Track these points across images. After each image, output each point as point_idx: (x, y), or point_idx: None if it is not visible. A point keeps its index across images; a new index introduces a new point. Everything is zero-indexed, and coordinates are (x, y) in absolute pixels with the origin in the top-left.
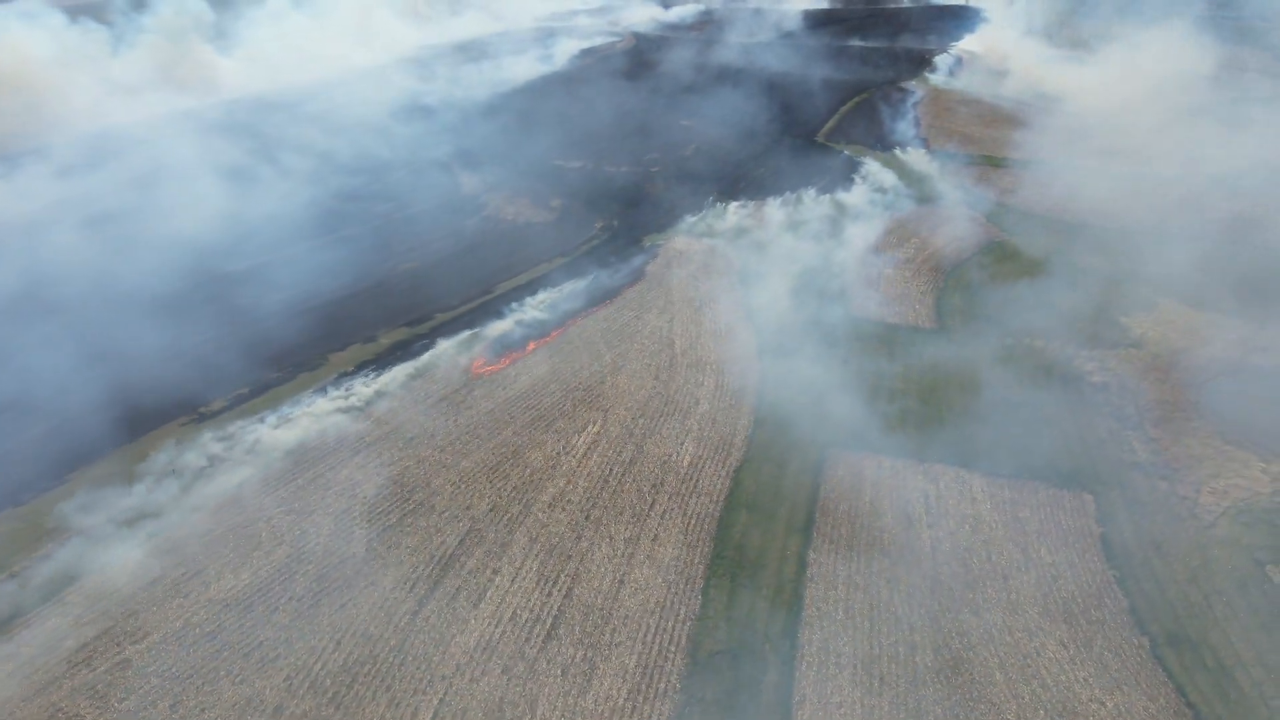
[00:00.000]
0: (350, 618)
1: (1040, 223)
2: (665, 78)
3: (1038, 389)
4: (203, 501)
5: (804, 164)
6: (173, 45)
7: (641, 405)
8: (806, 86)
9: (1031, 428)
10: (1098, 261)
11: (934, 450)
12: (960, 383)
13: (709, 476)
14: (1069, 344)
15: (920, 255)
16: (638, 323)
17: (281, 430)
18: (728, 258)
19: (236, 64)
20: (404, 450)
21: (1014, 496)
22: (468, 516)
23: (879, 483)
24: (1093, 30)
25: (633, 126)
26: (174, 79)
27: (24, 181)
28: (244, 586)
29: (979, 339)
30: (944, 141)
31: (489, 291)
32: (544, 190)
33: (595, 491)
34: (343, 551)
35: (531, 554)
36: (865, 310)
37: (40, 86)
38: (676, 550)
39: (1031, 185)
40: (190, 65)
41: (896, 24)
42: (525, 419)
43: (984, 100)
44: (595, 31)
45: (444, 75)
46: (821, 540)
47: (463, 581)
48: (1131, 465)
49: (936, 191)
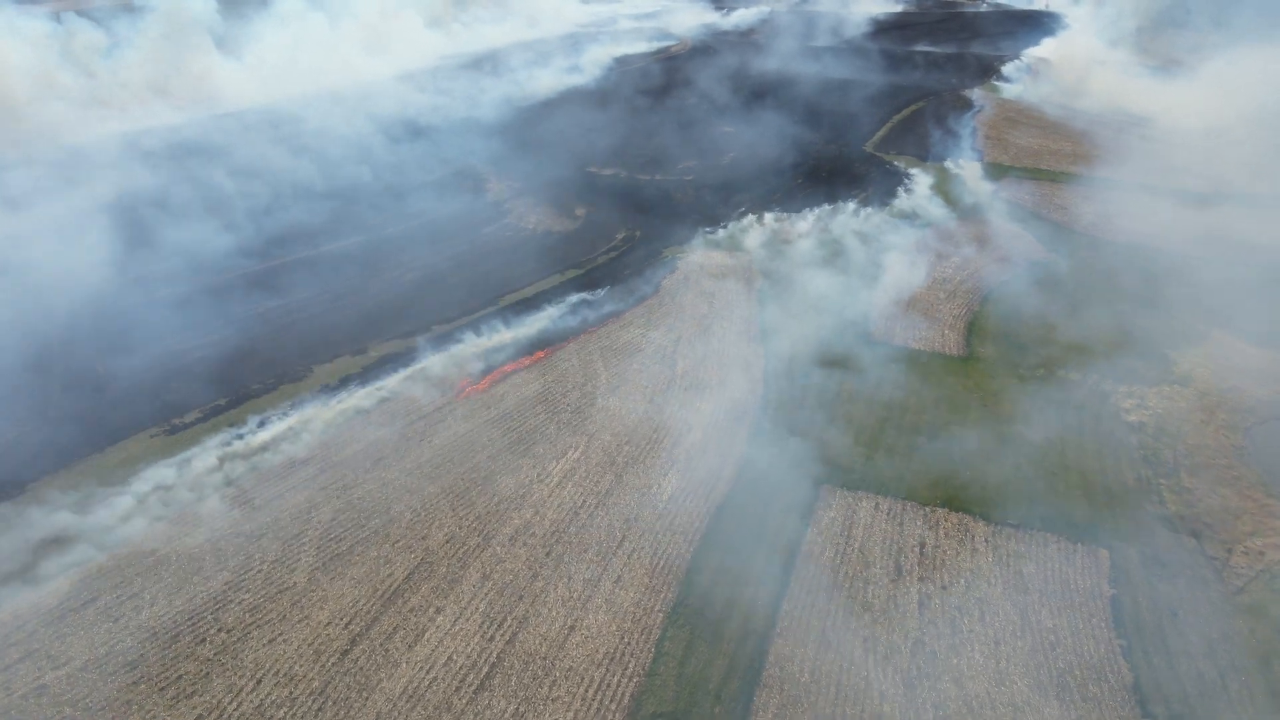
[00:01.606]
0: (276, 654)
1: (1095, 246)
2: (713, 84)
3: (1064, 427)
4: (155, 518)
5: (846, 175)
6: (162, 55)
7: (629, 430)
8: (860, 94)
9: (1051, 471)
10: (1151, 289)
11: (938, 492)
12: (979, 418)
13: (688, 513)
14: (1107, 378)
15: (957, 276)
16: (641, 340)
17: (248, 445)
18: (749, 273)
19: (236, 74)
20: (370, 472)
21: (1020, 549)
22: (422, 547)
23: (871, 526)
24: (1187, 44)
25: (672, 133)
26: (163, 90)
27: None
28: (175, 614)
29: (1008, 369)
30: (1000, 154)
31: (492, 303)
32: (570, 198)
33: (563, 525)
34: (283, 581)
35: (481, 592)
36: (888, 335)
37: (11, 98)
38: (638, 595)
39: (1091, 205)
40: (181, 76)
41: (969, 29)
42: (504, 442)
43: (1051, 112)
44: (646, 36)
45: (493, 78)
46: (798, 590)
47: (402, 620)
48: (1158, 518)
49: (984, 207)
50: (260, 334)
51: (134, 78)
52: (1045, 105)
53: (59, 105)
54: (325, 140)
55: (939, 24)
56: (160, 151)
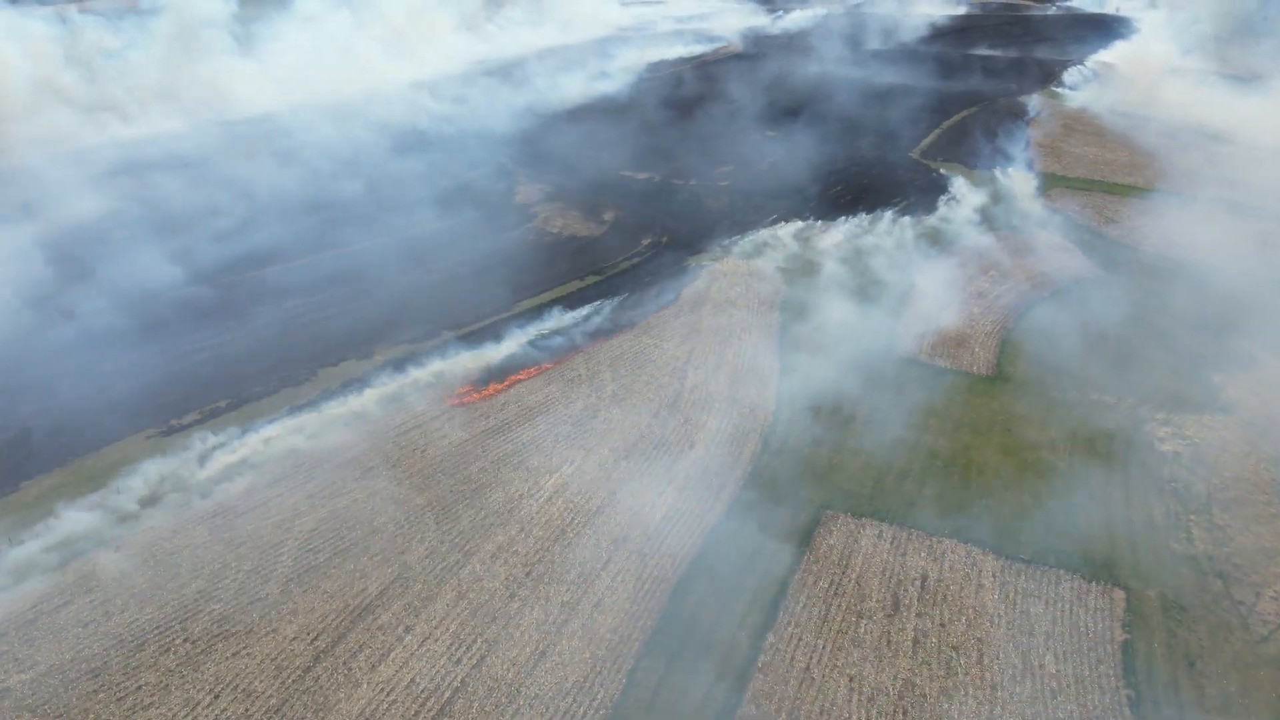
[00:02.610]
0: (238, 668)
1: (1146, 262)
2: (757, 88)
3: (1092, 456)
4: (138, 523)
5: (889, 182)
6: (172, 58)
7: (630, 444)
8: (910, 99)
9: (1072, 503)
10: (1202, 310)
11: (948, 521)
12: (1001, 442)
13: (679, 534)
14: (1144, 403)
15: (994, 291)
16: (654, 351)
17: (240, 450)
18: (774, 282)
19: (251, 78)
20: (359, 481)
21: (1030, 586)
22: (399, 562)
23: (873, 556)
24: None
25: (713, 137)
26: (172, 96)
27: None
28: (145, 622)
29: (1039, 391)
30: (1054, 164)
31: (507, 309)
32: (601, 202)
33: (548, 543)
34: (256, 591)
35: (455, 612)
36: (914, 351)
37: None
38: (616, 621)
39: (1147, 220)
40: (191, 81)
41: (1033, 33)
42: (498, 453)
43: (1113, 121)
44: (691, 40)
45: (529, 82)
46: (787, 621)
47: (369, 638)
48: (1183, 557)
49: (1031, 219)
50: (267, 336)
51: (140, 82)
52: (1107, 114)
53: (60, 111)
54: (346, 141)
55: (1001, 27)
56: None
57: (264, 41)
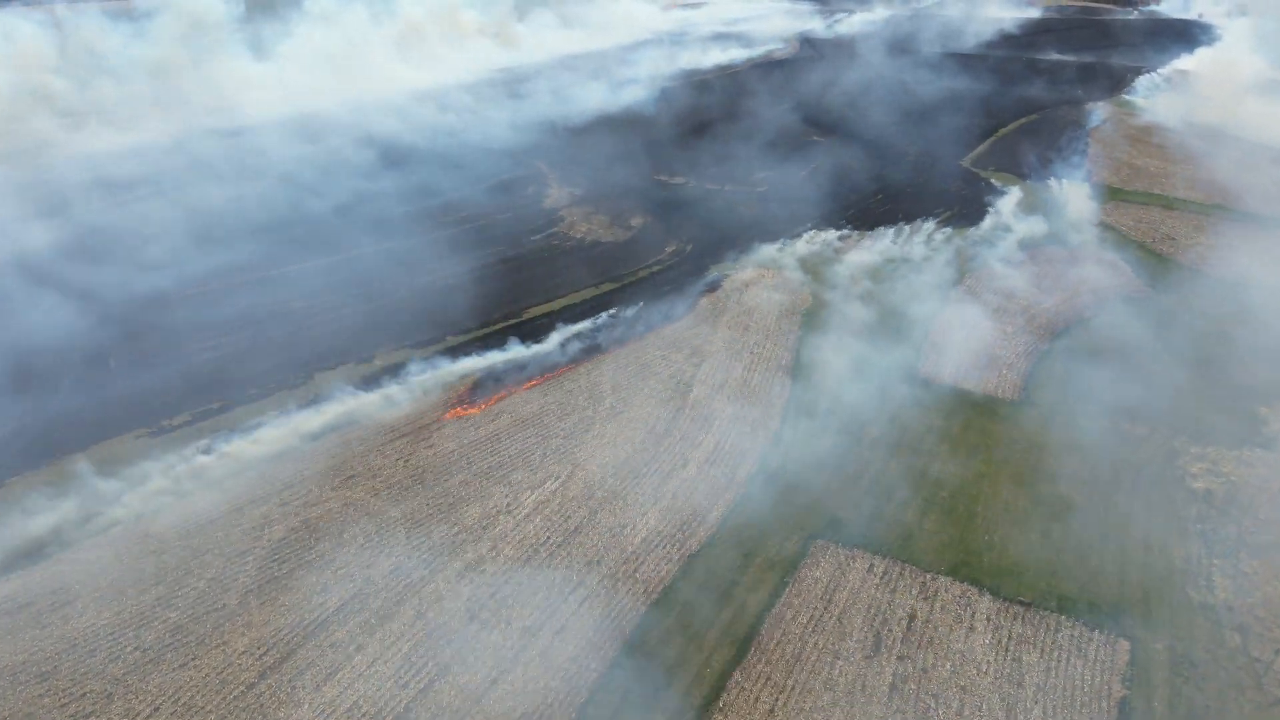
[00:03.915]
0: (183, 681)
1: (1200, 282)
2: (808, 92)
3: (1114, 491)
4: (113, 523)
5: (933, 191)
6: (174, 62)
7: (620, 461)
8: (968, 104)
9: (1085, 542)
10: (1254, 337)
11: (946, 556)
12: (1015, 473)
13: (657, 559)
14: (1179, 435)
15: (1031, 309)
16: (661, 363)
17: (222, 454)
18: (798, 293)
19: (260, 83)
20: (337, 490)
21: (1026, 631)
22: (363, 576)
23: (859, 591)
24: None
25: (757, 140)
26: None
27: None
28: (100, 627)
29: (1066, 418)
30: (1112, 175)
31: (515, 315)
32: (630, 207)
33: (519, 562)
34: (214, 600)
35: (410, 632)
36: (936, 372)
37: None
38: (577, 650)
39: (1204, 237)
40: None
41: (1109, 38)
42: (482, 466)
43: (1181, 134)
44: (754, 39)
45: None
46: (757, 659)
47: (319, 655)
48: (1201, 607)
49: (1081, 233)
50: (267, 337)
51: (137, 91)
52: (1178, 126)
53: (47, 119)
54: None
55: (1073, 31)
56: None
57: (272, 44)
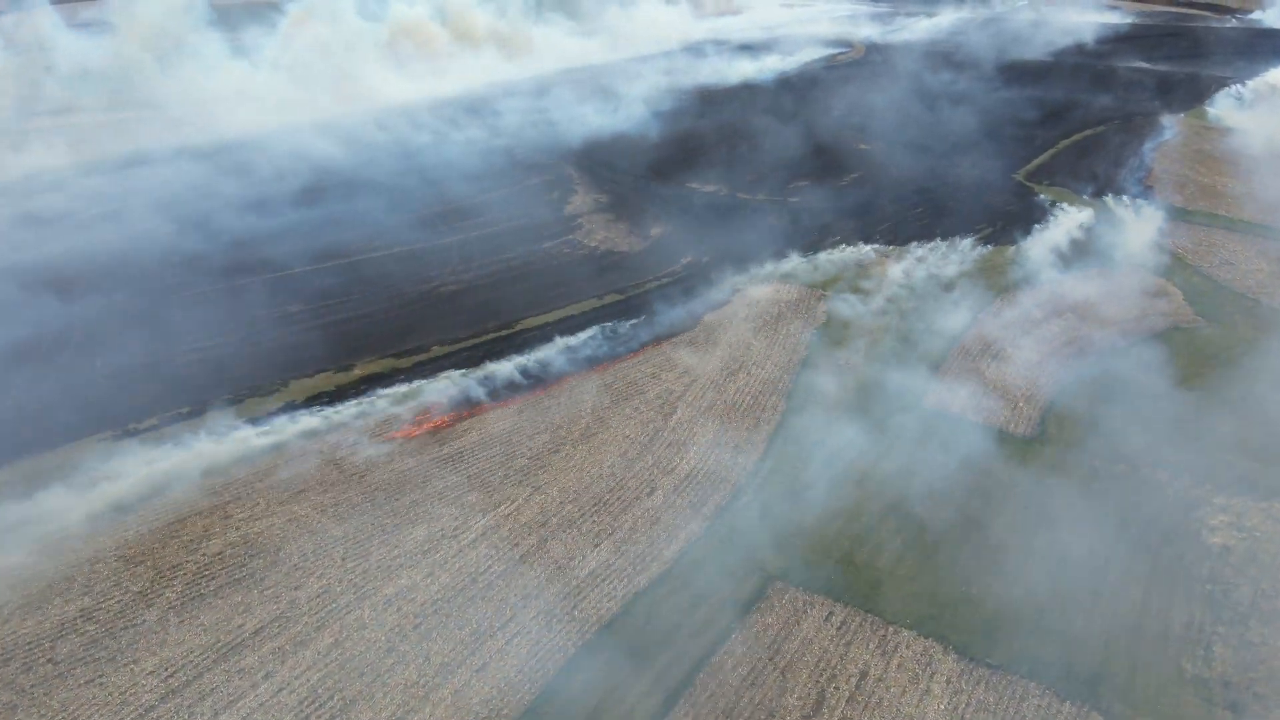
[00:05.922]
0: (86, 699)
1: (1258, 314)
2: (868, 96)
3: (1118, 543)
4: (53, 530)
5: (978, 205)
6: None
7: (583, 487)
8: (1031, 114)
9: (1073, 599)
10: None
11: (913, 608)
12: (1011, 517)
13: (600, 594)
14: (1205, 482)
15: (1063, 336)
16: (649, 383)
17: (178, 460)
18: (811, 312)
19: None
20: (285, 504)
21: (987, 698)
22: (289, 599)
23: (811, 641)
24: None
25: (799, 148)
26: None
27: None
28: (20, 637)
29: (1079, 459)
30: (1174, 194)
31: (508, 326)
32: (652, 215)
33: (452, 592)
34: (135, 616)
35: (323, 661)
36: (945, 403)
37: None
38: (492, 693)
39: (1267, 263)
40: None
41: (1199, 46)
42: (439, 486)
43: (1258, 151)
44: (814, 43)
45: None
46: (684, 713)
47: (224, 680)
48: (1192, 680)
49: (1133, 255)
50: (246, 343)
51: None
52: (1253, 142)
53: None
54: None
55: (1161, 39)
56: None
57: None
